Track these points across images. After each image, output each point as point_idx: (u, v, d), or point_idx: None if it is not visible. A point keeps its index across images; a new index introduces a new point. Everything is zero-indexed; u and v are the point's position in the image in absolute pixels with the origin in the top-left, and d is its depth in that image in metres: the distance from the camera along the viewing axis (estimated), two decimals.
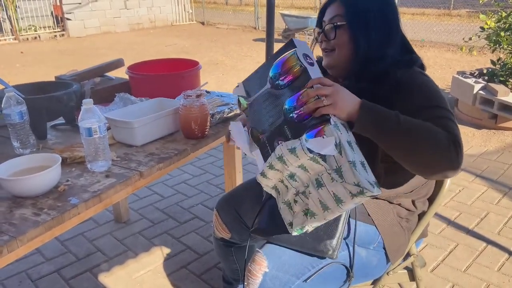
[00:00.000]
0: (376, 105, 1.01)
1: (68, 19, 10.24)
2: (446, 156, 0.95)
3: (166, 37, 10.02)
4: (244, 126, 1.21)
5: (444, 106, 1.05)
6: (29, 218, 1.06)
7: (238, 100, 1.20)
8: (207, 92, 1.93)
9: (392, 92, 1.10)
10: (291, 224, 1.04)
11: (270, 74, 1.08)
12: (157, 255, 2.21)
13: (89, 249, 2.27)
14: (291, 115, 1.01)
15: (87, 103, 1.24)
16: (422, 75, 1.14)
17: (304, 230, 1.04)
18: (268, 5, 2.33)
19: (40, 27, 10.09)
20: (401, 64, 1.15)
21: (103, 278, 2.05)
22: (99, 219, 2.54)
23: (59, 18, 10.30)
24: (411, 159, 0.99)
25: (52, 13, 10.29)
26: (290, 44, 1.06)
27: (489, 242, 2.22)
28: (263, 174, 1.05)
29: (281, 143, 1.00)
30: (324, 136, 0.94)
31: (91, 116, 1.25)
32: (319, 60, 1.31)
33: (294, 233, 1.05)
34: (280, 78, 1.05)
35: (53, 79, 1.93)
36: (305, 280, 1.18)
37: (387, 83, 1.11)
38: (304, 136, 0.96)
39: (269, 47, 2.43)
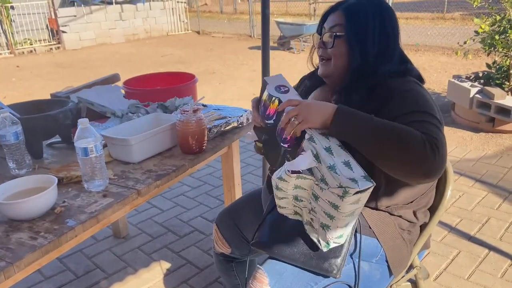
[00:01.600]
0: (351, 110, 1.03)
1: (63, 31, 10.25)
2: (421, 155, 0.94)
3: (162, 47, 10.04)
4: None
5: (430, 111, 1.05)
6: (26, 242, 1.04)
7: (255, 145, 1.30)
8: (204, 105, 1.92)
9: (382, 97, 1.10)
10: (319, 241, 1.08)
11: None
12: (157, 270, 2.19)
13: (88, 266, 2.24)
14: (283, 145, 1.09)
15: (83, 123, 1.23)
16: (414, 83, 1.14)
17: (331, 245, 1.07)
18: (263, 16, 2.33)
19: (36, 41, 10.11)
20: (395, 74, 1.15)
21: None
22: (98, 235, 2.51)
23: (55, 31, 10.32)
24: (388, 160, 1.00)
25: (47, 26, 10.31)
26: (263, 85, 1.16)
27: (491, 248, 2.21)
28: (279, 207, 1.12)
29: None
30: (303, 151, 0.99)
31: (87, 136, 1.23)
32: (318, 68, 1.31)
33: (325, 249, 1.08)
34: (268, 118, 1.15)
35: (49, 94, 1.92)
36: None
37: (378, 94, 1.11)
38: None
39: (265, 57, 2.43)
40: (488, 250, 2.19)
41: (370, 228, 1.22)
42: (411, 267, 1.33)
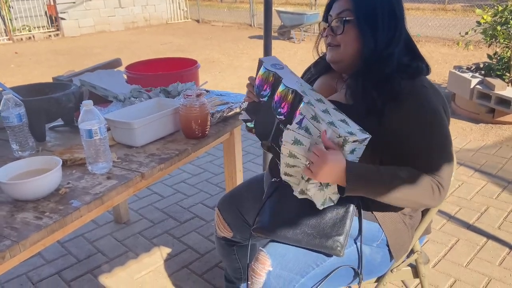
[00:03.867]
0: (359, 169, 1.05)
1: (62, 18, 10.17)
2: (430, 200, 1.09)
3: (161, 36, 9.98)
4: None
5: (438, 138, 1.11)
6: (31, 222, 1.04)
7: (246, 126, 1.36)
8: (207, 91, 1.92)
9: (388, 100, 1.10)
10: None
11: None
12: (158, 255, 2.20)
13: (90, 250, 2.26)
14: (279, 117, 1.16)
15: (87, 105, 1.23)
16: (424, 92, 1.11)
17: (328, 203, 1.12)
18: (265, 2, 2.32)
19: (34, 27, 10.02)
20: (407, 71, 1.13)
21: (104, 279, 2.04)
22: (99, 220, 2.53)
23: (53, 18, 10.23)
24: (399, 204, 1.13)
25: (46, 12, 10.22)
26: (259, 64, 1.24)
27: (489, 236, 2.23)
28: (285, 174, 1.13)
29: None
30: (300, 113, 1.07)
31: (92, 118, 1.23)
32: (324, 58, 1.30)
33: (321, 208, 1.12)
34: (262, 94, 1.22)
35: (49, 80, 1.91)
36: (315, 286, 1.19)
37: (389, 89, 1.10)
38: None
39: (267, 45, 2.42)
40: (486, 238, 2.21)
41: (372, 213, 1.23)
42: (411, 252, 1.34)
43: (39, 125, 1.52)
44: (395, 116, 1.09)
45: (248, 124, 1.35)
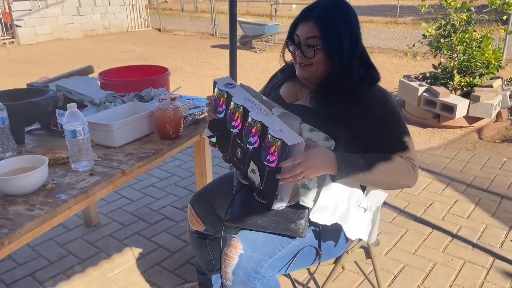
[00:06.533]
0: (346, 157, 1.25)
1: (18, 26, 9.90)
2: (408, 179, 1.28)
3: (122, 44, 9.93)
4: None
5: (402, 130, 1.31)
6: (24, 213, 1.14)
7: (210, 141, 1.51)
8: (179, 96, 2.05)
9: (352, 106, 1.30)
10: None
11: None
12: (130, 254, 2.29)
13: (61, 253, 2.31)
14: (233, 130, 1.30)
15: (72, 107, 1.34)
16: (381, 96, 1.33)
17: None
18: (230, 15, 2.48)
19: None
20: (365, 80, 1.34)
21: (77, 279, 2.10)
22: (68, 224, 2.57)
23: (9, 25, 9.93)
24: (381, 186, 1.35)
25: (0, 20, 9.91)
26: (214, 84, 1.35)
27: (434, 227, 2.48)
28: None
29: (238, 151, 1.29)
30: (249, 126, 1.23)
31: (75, 119, 1.34)
32: (290, 65, 1.48)
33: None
34: (219, 111, 1.35)
35: (8, 88, 1.96)
36: (283, 267, 1.36)
37: (351, 96, 1.30)
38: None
39: (232, 55, 2.58)
40: (432, 229, 2.46)
41: None
42: None
43: (19, 128, 1.60)
44: (361, 121, 1.30)
45: (212, 139, 1.48)
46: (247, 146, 1.23)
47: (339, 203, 1.32)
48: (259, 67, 7.12)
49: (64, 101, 1.93)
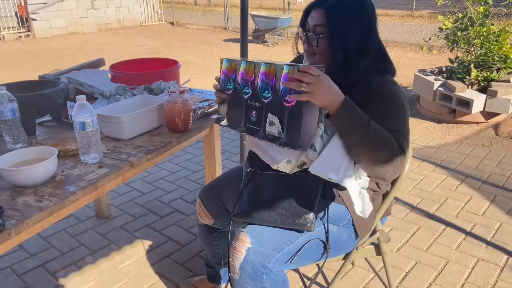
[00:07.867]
0: (354, 104, 1.16)
1: (33, 19, 10.02)
2: (394, 162, 1.17)
3: (135, 38, 9.98)
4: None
5: (404, 121, 1.23)
6: (33, 204, 1.15)
7: (220, 124, 1.44)
8: (189, 89, 2.04)
9: (364, 95, 1.23)
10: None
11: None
12: (140, 247, 2.30)
13: (73, 244, 2.33)
14: (247, 91, 1.27)
15: (81, 99, 1.34)
16: (392, 85, 1.28)
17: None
18: (242, 8, 2.46)
19: (4, 28, 9.83)
20: (375, 70, 1.29)
21: (88, 270, 2.12)
22: (80, 215, 2.60)
23: (24, 19, 10.06)
24: (366, 156, 1.18)
25: (16, 13, 10.04)
26: (221, 63, 1.35)
27: (448, 224, 2.43)
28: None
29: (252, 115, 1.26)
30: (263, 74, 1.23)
31: (85, 111, 1.34)
32: (299, 57, 1.45)
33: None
34: (228, 80, 1.32)
35: (21, 80, 1.98)
36: (289, 261, 1.32)
37: (358, 91, 1.25)
38: None
39: (243, 48, 2.56)
40: (445, 226, 2.42)
41: (339, 196, 1.39)
42: (374, 231, 1.50)
43: (30, 119, 1.61)
44: (372, 108, 1.21)
45: (222, 123, 1.44)
46: (263, 100, 1.21)
47: (342, 164, 1.23)
48: (272, 61, 7.06)
49: (75, 94, 1.93)
